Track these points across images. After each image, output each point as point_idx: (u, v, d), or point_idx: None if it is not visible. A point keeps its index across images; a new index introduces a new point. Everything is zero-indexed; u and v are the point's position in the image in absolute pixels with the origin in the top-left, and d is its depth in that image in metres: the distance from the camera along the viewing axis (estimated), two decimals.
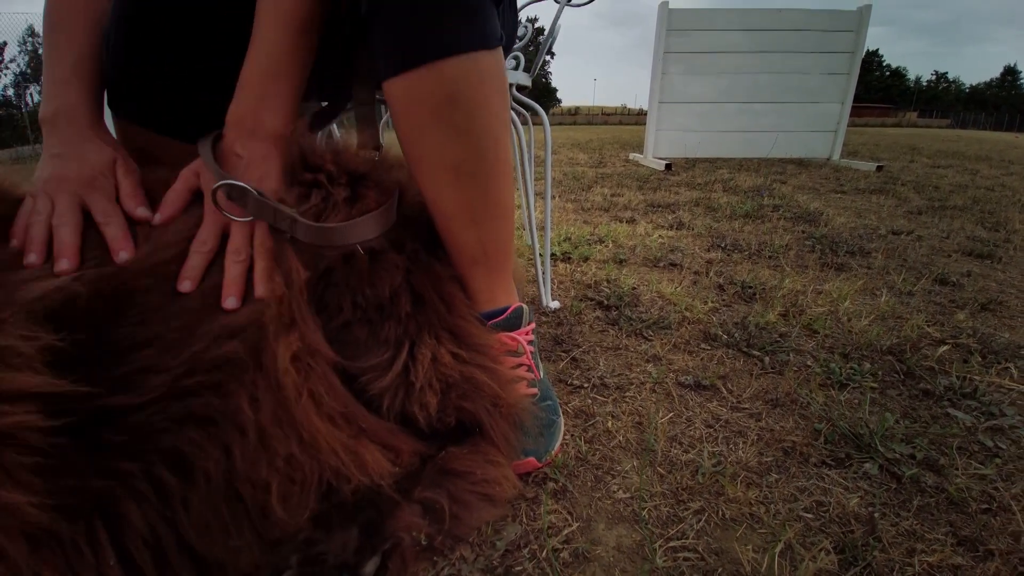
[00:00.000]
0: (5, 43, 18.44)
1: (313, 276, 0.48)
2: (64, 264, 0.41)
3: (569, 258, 1.42)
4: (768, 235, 1.70)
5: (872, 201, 2.39)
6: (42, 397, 0.33)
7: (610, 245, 1.55)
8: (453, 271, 0.61)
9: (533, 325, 0.68)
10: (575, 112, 54.56)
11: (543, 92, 51.28)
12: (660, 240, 1.61)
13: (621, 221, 1.94)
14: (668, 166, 3.83)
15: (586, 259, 1.41)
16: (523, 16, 1.11)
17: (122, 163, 0.50)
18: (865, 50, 4.56)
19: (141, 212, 0.47)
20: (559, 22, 1.05)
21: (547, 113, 1.05)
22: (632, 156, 5.04)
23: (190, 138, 0.54)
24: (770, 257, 1.43)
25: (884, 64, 68.97)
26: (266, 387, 0.42)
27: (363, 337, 0.51)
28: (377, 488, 0.47)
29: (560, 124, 43.35)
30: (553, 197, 2.58)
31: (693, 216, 2.04)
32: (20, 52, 19.00)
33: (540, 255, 1.02)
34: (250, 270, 0.47)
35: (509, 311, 0.64)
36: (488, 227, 0.57)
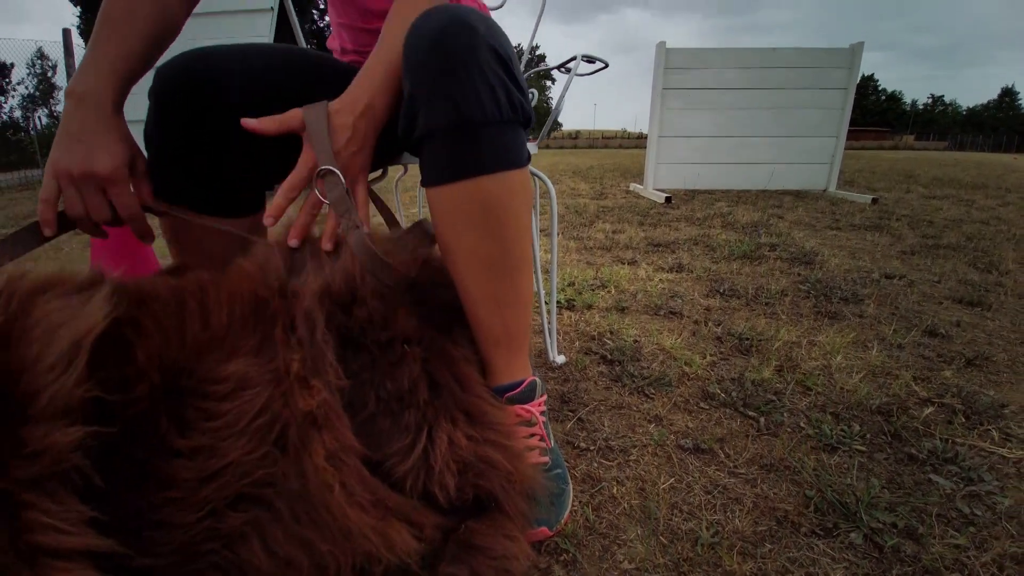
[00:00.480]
0: (12, 64, 18.90)
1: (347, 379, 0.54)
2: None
3: (573, 305, 1.47)
4: (765, 278, 1.76)
5: (867, 239, 2.46)
6: (91, 556, 0.38)
7: (612, 291, 1.61)
8: (467, 351, 0.67)
9: (545, 397, 0.73)
10: (576, 136, 55.46)
11: (544, 115, 52.32)
12: (661, 285, 1.67)
13: (623, 263, 2.01)
14: (668, 199, 3.92)
15: (589, 307, 1.46)
16: (524, 43, 1.19)
17: (139, 159, 0.58)
18: (860, 78, 4.69)
19: (155, 205, 0.59)
20: (567, 92, 1.13)
21: (548, 136, 1.13)
22: (633, 187, 5.15)
23: (222, 214, 0.67)
24: (767, 304, 1.49)
25: (880, 88, 70.20)
26: (303, 485, 0.48)
27: (386, 427, 0.56)
28: (405, 566, 0.51)
29: (561, 148, 44.02)
30: (559, 234, 2.65)
31: (693, 257, 2.11)
32: (28, 75, 19.41)
33: (547, 304, 1.08)
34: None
35: (524, 384, 0.70)
36: (510, 312, 0.64)
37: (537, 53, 59.85)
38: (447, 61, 0.51)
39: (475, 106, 0.52)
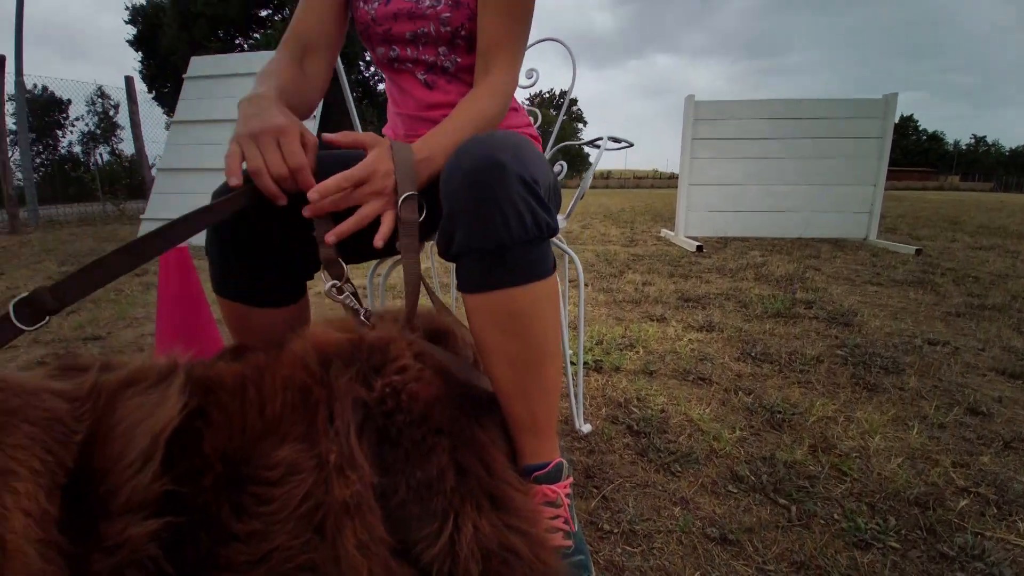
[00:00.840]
0: (70, 101, 20.61)
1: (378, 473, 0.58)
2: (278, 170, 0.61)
3: (601, 367, 1.49)
4: (800, 341, 1.73)
5: (909, 297, 2.39)
6: None
7: (641, 351, 1.62)
8: (495, 434, 0.70)
9: (571, 479, 0.75)
10: (607, 176, 56.13)
11: (576, 157, 53.30)
12: (691, 346, 1.67)
13: (652, 319, 2.01)
14: (699, 247, 3.92)
15: (617, 369, 1.47)
16: (555, 86, 1.26)
17: (307, 134, 0.65)
18: (898, 117, 4.65)
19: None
20: (594, 170, 1.19)
21: (579, 176, 1.19)
22: (664, 233, 5.16)
23: (272, 304, 0.75)
24: (801, 371, 1.46)
25: (920, 128, 68.78)
26: (337, 571, 0.51)
27: (416, 513, 0.59)
28: None
29: (593, 188, 44.55)
30: (586, 285, 2.69)
31: (724, 314, 2.09)
32: (88, 112, 21.03)
33: (573, 365, 1.10)
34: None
35: (551, 465, 0.72)
36: (538, 403, 0.67)
37: (569, 97, 61.62)
38: (479, 194, 0.58)
39: (504, 231, 0.59)
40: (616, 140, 1.21)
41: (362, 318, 0.69)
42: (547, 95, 55.90)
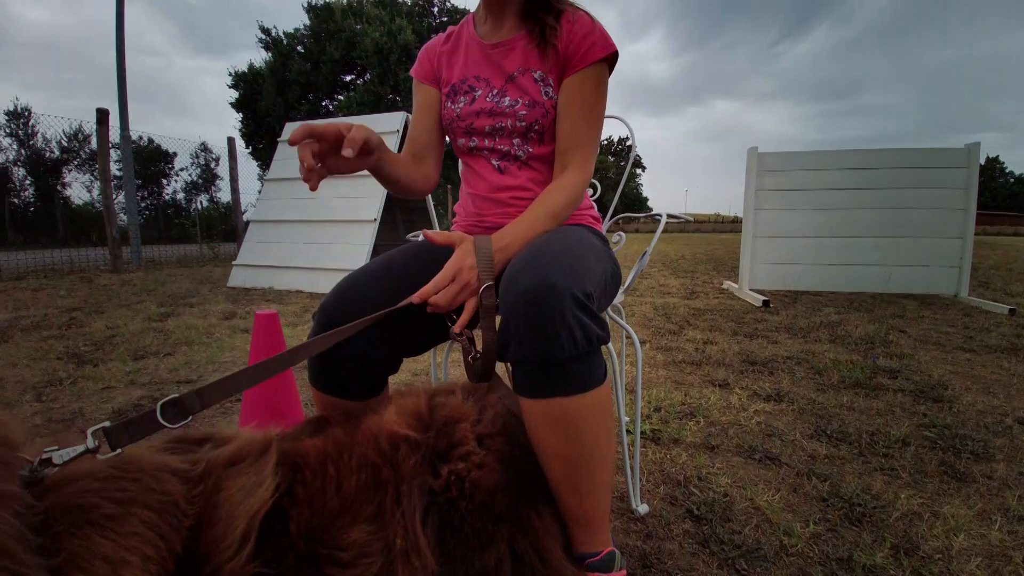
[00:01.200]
0: (175, 153, 23.65)
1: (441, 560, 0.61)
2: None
3: (659, 438, 1.45)
4: (883, 418, 1.61)
5: (1003, 367, 2.15)
6: None
7: (702, 422, 1.56)
8: (549, 522, 0.71)
9: (624, 572, 0.74)
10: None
11: (633, 202, 53.14)
12: (757, 418, 1.59)
13: (714, 384, 1.94)
14: (766, 302, 3.75)
15: (676, 441, 1.43)
16: (614, 133, 1.29)
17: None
18: (984, 159, 4.32)
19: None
20: (653, 247, 1.21)
21: (638, 221, 1.22)
22: (727, 285, 4.99)
23: (360, 398, 0.80)
24: (884, 455, 1.35)
25: (1007, 171, 63.01)
26: None
27: None
28: None
29: (651, 233, 43.93)
30: (643, 342, 2.64)
31: (794, 381, 1.98)
32: (192, 164, 23.88)
33: (629, 432, 1.09)
34: None
35: (603, 554, 0.73)
36: (589, 500, 0.69)
37: (628, 144, 62.36)
38: (532, 314, 0.63)
39: (554, 347, 0.63)
40: (674, 217, 1.23)
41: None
42: (604, 142, 56.85)
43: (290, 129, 5.35)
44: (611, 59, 0.93)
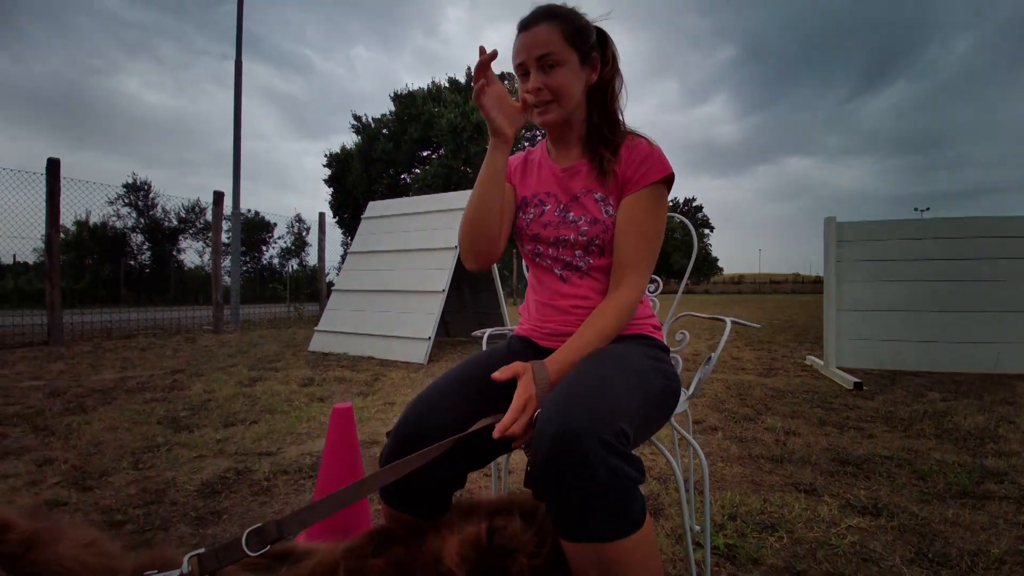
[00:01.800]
0: (275, 224, 26.81)
1: None
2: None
3: (734, 556, 1.33)
4: (985, 533, 1.39)
5: None
6: None
7: (785, 538, 1.42)
8: None
9: None
10: (739, 281, 52.87)
11: (702, 262, 51.57)
12: (850, 537, 1.42)
13: (799, 489, 1.77)
14: (859, 385, 3.41)
15: (755, 561, 1.30)
16: (678, 195, 1.27)
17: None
18: None
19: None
20: (720, 351, 1.18)
21: (708, 281, 1.17)
22: (810, 360, 4.62)
23: (429, 516, 0.83)
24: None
25: None
26: None
27: None
28: None
29: (723, 294, 41.94)
30: (714, 429, 2.48)
31: (894, 489, 1.76)
32: (287, 233, 26.75)
33: (698, 545, 1.00)
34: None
35: None
36: None
37: (694, 204, 61.52)
38: (560, 460, 0.65)
39: (584, 492, 0.64)
40: (740, 322, 1.20)
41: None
42: (671, 202, 56.57)
43: (374, 208, 5.87)
44: (668, 180, 0.97)
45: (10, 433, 2.32)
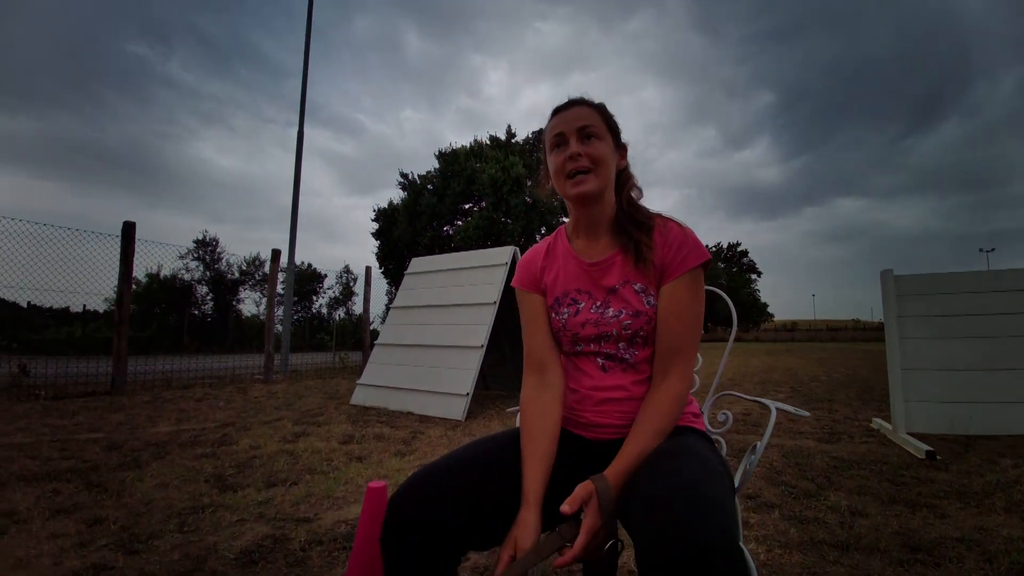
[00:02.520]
0: (326, 275, 28.56)
1: None
2: None
3: None
4: None
5: None
6: None
7: None
8: None
9: None
10: (792, 328, 50.14)
11: (750, 308, 49.40)
12: None
13: None
14: (931, 454, 3.10)
15: None
16: (722, 240, 1.21)
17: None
18: None
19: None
20: (767, 437, 1.12)
21: (758, 328, 1.11)
22: (877, 424, 4.25)
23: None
24: None
25: None
26: None
27: None
28: None
29: (775, 342, 39.73)
30: (771, 507, 2.29)
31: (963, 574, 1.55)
32: (336, 283, 28.17)
33: None
34: None
35: None
36: None
37: (738, 249, 59.89)
38: None
39: None
40: (785, 410, 1.13)
41: None
42: (714, 249, 55.37)
43: (416, 264, 6.08)
44: (706, 264, 0.96)
45: (64, 489, 2.44)
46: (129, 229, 6.23)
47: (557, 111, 1.02)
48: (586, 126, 0.97)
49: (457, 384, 4.56)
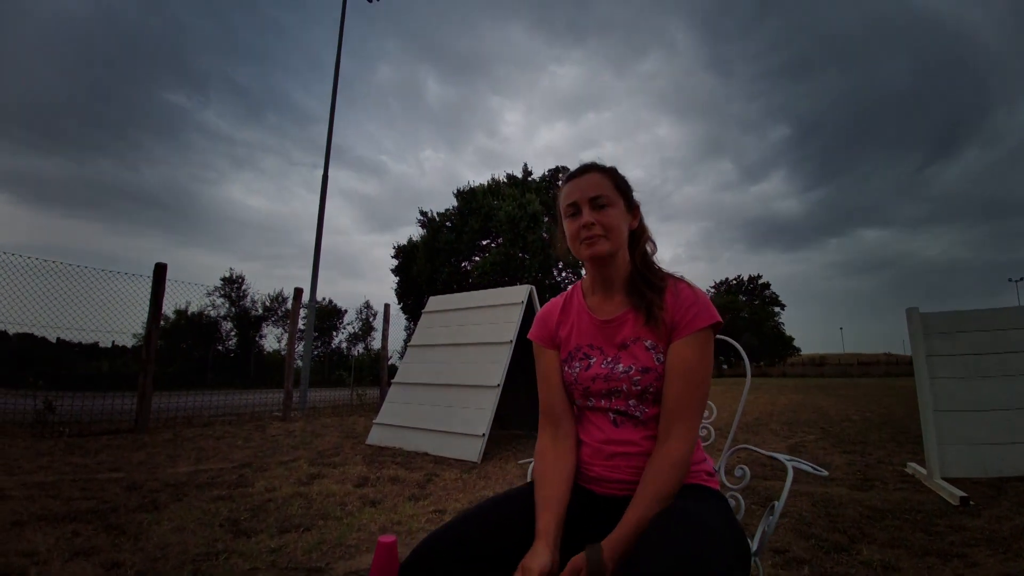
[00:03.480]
0: (346, 310, 29.09)
1: None
2: None
3: None
4: None
5: None
6: None
7: None
8: None
9: None
10: (821, 362, 48.37)
11: (775, 342, 48.02)
12: None
13: None
14: (965, 500, 2.93)
15: None
16: (742, 272, 1.19)
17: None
18: None
19: None
20: (785, 495, 1.09)
21: (784, 363, 1.09)
22: (911, 468, 4.04)
23: None
24: None
25: None
26: None
27: None
28: None
29: (803, 376, 38.33)
30: (800, 562, 2.18)
31: None
32: (356, 319, 28.39)
33: None
34: None
35: None
36: None
37: (760, 282, 58.87)
38: None
39: None
40: (802, 468, 1.11)
41: None
42: (734, 281, 54.57)
43: (434, 303, 6.15)
44: (716, 325, 0.97)
45: (83, 531, 2.46)
46: (160, 271, 6.48)
47: (571, 178, 1.07)
48: (598, 196, 1.01)
49: (473, 425, 4.53)
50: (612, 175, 1.06)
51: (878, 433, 6.29)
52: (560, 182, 1.10)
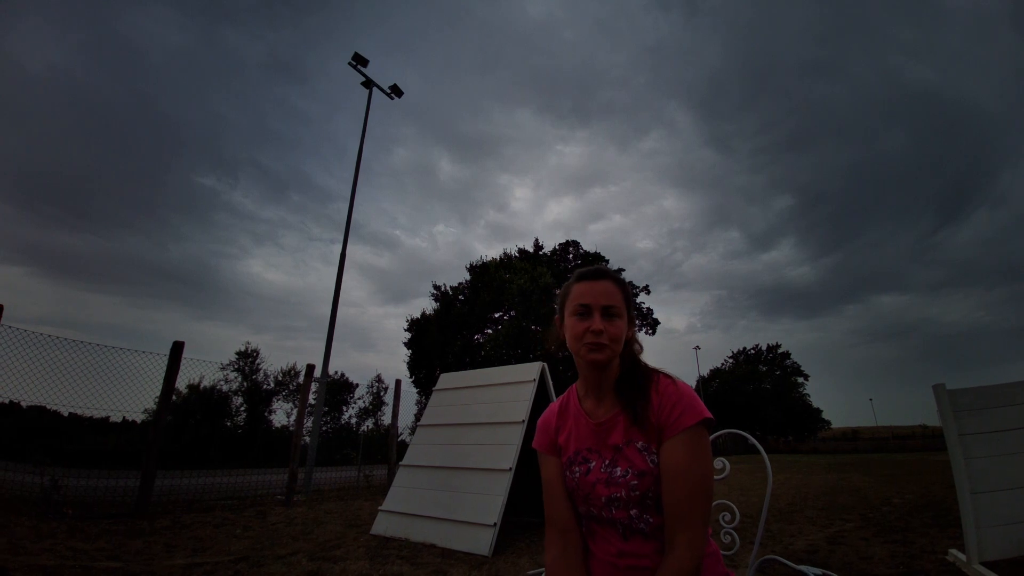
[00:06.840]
0: (357, 384, 28.52)
1: None
2: None
3: None
4: None
5: None
6: None
7: None
8: None
9: None
10: (853, 436, 45.70)
11: (802, 414, 45.80)
12: None
13: None
14: None
15: None
16: (760, 342, 1.10)
17: None
18: None
19: None
20: None
21: (815, 438, 1.00)
22: (954, 555, 3.70)
23: None
24: None
25: None
26: None
27: None
28: None
29: (836, 452, 36.11)
30: None
31: None
32: (367, 392, 27.64)
33: None
34: None
35: None
36: None
37: (779, 351, 57.35)
38: None
39: None
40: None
41: None
42: (752, 351, 53.27)
43: (444, 380, 6.10)
44: (706, 422, 0.96)
45: None
46: (177, 349, 6.58)
47: (585, 278, 1.09)
48: (611, 306, 1.05)
49: (484, 512, 4.30)
50: (624, 288, 1.10)
51: (920, 517, 5.82)
52: (571, 278, 1.13)
